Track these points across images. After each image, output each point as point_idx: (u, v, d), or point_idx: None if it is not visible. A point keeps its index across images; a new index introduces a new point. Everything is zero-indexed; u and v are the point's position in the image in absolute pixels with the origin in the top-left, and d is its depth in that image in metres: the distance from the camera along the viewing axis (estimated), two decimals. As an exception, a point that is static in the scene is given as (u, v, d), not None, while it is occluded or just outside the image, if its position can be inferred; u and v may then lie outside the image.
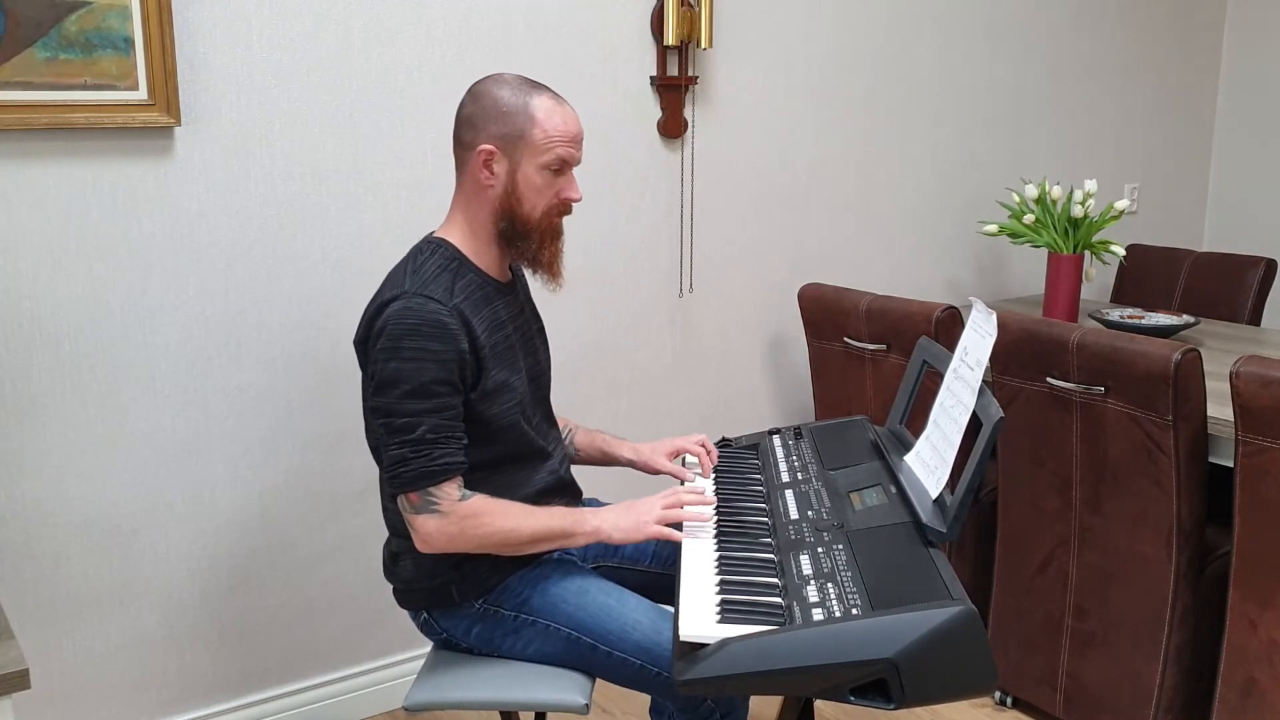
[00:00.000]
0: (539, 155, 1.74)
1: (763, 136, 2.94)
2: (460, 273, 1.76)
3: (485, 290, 1.79)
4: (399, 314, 1.67)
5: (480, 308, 1.75)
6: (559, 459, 1.91)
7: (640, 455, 2.04)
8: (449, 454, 1.68)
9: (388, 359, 1.66)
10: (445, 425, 1.67)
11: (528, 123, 1.73)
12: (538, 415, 1.89)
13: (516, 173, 1.75)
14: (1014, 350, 2.38)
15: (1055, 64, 3.52)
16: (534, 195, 1.76)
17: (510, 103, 1.74)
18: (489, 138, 1.74)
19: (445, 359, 1.67)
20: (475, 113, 1.76)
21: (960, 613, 1.39)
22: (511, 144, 1.73)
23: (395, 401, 1.66)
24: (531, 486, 1.82)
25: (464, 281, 1.75)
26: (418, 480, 1.66)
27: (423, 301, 1.68)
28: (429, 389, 1.66)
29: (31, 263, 2.06)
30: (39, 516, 2.13)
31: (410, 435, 1.66)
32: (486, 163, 1.75)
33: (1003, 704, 2.63)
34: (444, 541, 1.69)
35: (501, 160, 1.74)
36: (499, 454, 1.78)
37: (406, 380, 1.65)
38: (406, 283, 1.71)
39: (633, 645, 1.75)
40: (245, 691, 2.42)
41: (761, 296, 3.03)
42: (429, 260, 1.76)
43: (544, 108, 1.74)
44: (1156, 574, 2.24)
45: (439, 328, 1.67)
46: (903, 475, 1.81)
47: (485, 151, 1.74)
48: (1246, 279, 3.33)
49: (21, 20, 1.94)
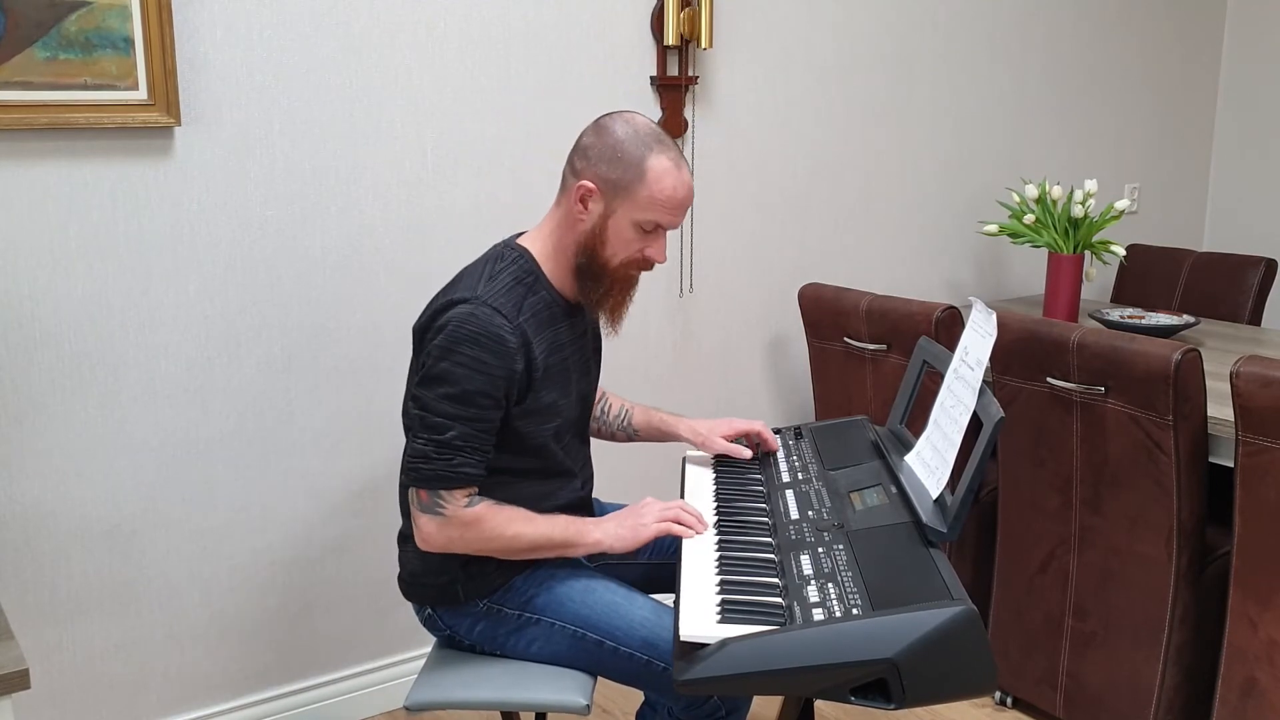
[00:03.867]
0: (637, 212, 1.72)
1: (763, 136, 2.94)
2: (534, 289, 1.76)
3: (553, 310, 1.78)
4: (463, 318, 1.67)
5: (544, 328, 1.75)
6: (583, 479, 1.92)
7: (699, 436, 2.03)
8: (470, 464, 1.68)
9: (441, 357, 1.66)
10: (475, 435, 1.68)
11: (637, 178, 1.71)
12: (570, 435, 1.87)
13: (609, 218, 1.73)
14: (1014, 350, 2.38)
15: (1055, 64, 3.52)
16: (619, 245, 1.75)
17: (628, 151, 1.71)
18: (595, 176, 1.72)
19: (495, 374, 1.66)
20: (593, 145, 1.74)
21: (960, 613, 1.39)
22: (614, 191, 1.72)
23: (436, 399, 1.66)
24: (553, 501, 1.82)
25: (535, 299, 1.75)
26: (432, 480, 1.67)
27: (489, 314, 1.67)
28: (471, 398, 1.66)
29: (31, 263, 2.05)
30: (39, 516, 2.13)
31: (439, 435, 1.66)
32: (583, 198, 1.73)
33: (1003, 704, 2.63)
34: (443, 543, 1.71)
35: (599, 201, 1.73)
36: (525, 467, 1.79)
37: (453, 383, 1.65)
38: (480, 288, 1.70)
39: (639, 641, 1.75)
40: (245, 691, 2.42)
41: (761, 296, 3.03)
42: (506, 269, 1.75)
43: (658, 169, 1.71)
44: (1156, 574, 2.24)
45: (498, 342, 1.66)
46: (903, 475, 1.81)
47: (585, 188, 1.72)
48: (1246, 279, 3.33)
49: (21, 20, 1.94)
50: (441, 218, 2.46)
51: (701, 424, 2.04)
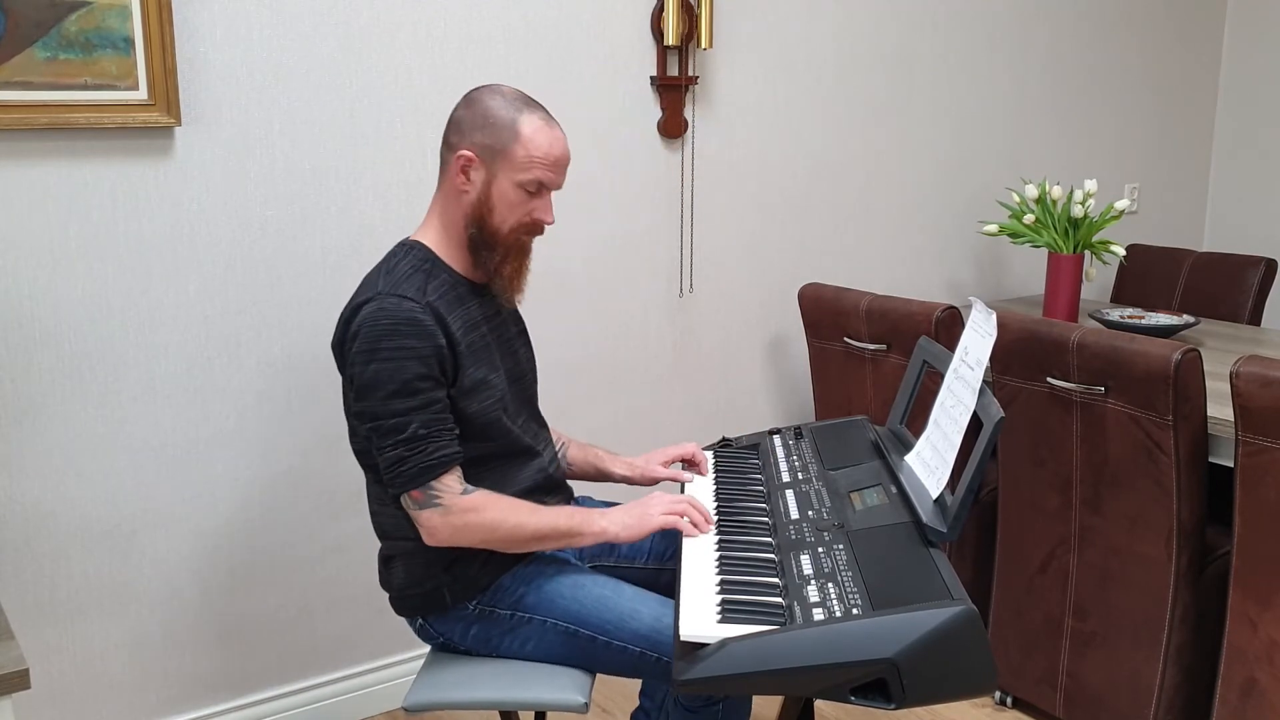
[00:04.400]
0: (517, 172, 1.74)
1: (763, 136, 2.94)
2: (433, 273, 1.77)
3: (459, 290, 1.79)
4: (374, 315, 1.67)
5: (454, 307, 1.76)
6: (549, 458, 1.91)
7: (635, 469, 2.05)
8: (444, 446, 1.68)
9: (366, 361, 1.67)
10: (435, 419, 1.68)
11: (512, 138, 1.73)
12: (523, 415, 1.89)
13: (492, 184, 1.75)
14: (1014, 350, 2.38)
15: (1055, 63, 3.52)
16: (505, 210, 1.76)
17: (499, 115, 1.74)
18: (472, 144, 1.75)
19: (424, 355, 1.67)
20: (464, 118, 1.77)
21: (960, 613, 1.39)
22: (492, 155, 1.74)
23: (381, 404, 1.66)
24: (519, 484, 1.82)
25: (437, 282, 1.76)
26: (418, 477, 1.67)
27: (397, 301, 1.68)
28: (412, 386, 1.66)
29: (31, 263, 2.06)
30: (39, 516, 2.13)
31: (402, 435, 1.66)
32: (465, 169, 1.75)
33: (1003, 704, 2.63)
34: (449, 534, 1.69)
35: (479, 169, 1.75)
36: (485, 451, 1.78)
37: (389, 381, 1.66)
38: (380, 284, 1.72)
39: (631, 633, 1.75)
40: (245, 691, 2.42)
41: (761, 296, 3.03)
42: (402, 262, 1.77)
43: (531, 126, 1.74)
44: (1156, 574, 2.24)
45: (415, 324, 1.67)
46: (903, 475, 1.81)
47: (464, 158, 1.75)
48: (1246, 279, 3.33)
49: (21, 20, 1.94)
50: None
51: (638, 460, 2.06)
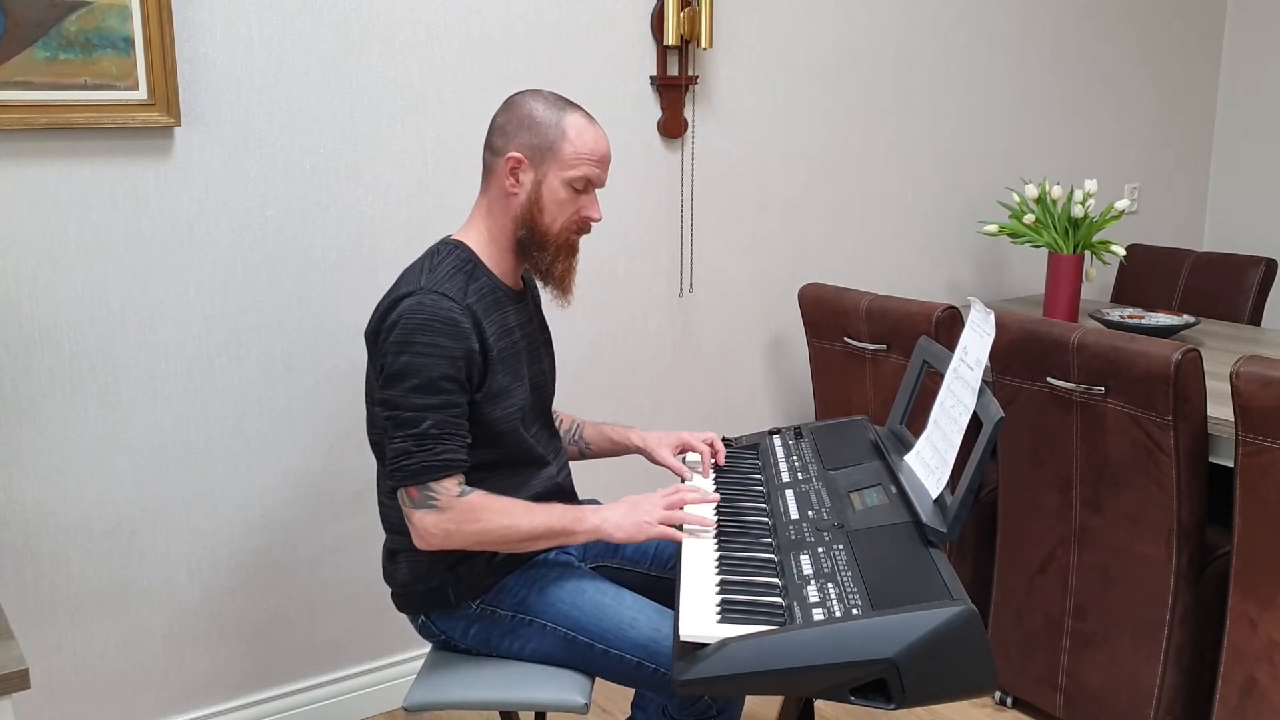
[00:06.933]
0: (566, 170, 1.76)
1: (763, 136, 2.94)
2: (474, 275, 1.78)
3: (497, 295, 1.80)
4: (413, 309, 1.68)
5: (491, 311, 1.77)
6: (558, 467, 1.92)
7: (646, 443, 2.05)
8: (451, 450, 1.68)
9: (399, 352, 1.67)
10: (450, 421, 1.68)
11: (559, 137, 1.76)
12: (537, 424, 1.90)
13: (542, 184, 1.77)
14: (1014, 350, 2.38)
15: (1056, 63, 3.52)
16: (555, 208, 1.78)
17: (544, 116, 1.77)
18: (519, 146, 1.76)
19: (455, 356, 1.68)
20: (508, 121, 1.79)
21: (960, 613, 1.39)
22: (540, 155, 1.76)
23: (403, 395, 1.67)
24: (528, 490, 1.82)
25: (477, 284, 1.77)
26: (419, 474, 1.67)
27: (437, 299, 1.69)
28: (437, 385, 1.67)
29: (31, 263, 2.05)
30: (39, 516, 2.13)
31: (415, 429, 1.66)
32: (514, 170, 1.77)
33: (1003, 704, 2.63)
34: (441, 537, 1.69)
35: (528, 170, 1.77)
36: (497, 458, 1.79)
37: (416, 374, 1.66)
38: (422, 279, 1.73)
39: (629, 643, 1.75)
40: (245, 691, 2.42)
41: (761, 296, 3.03)
42: (445, 260, 1.77)
43: (576, 125, 1.77)
44: (1156, 574, 2.24)
45: (451, 324, 1.68)
46: (903, 475, 1.81)
47: (513, 159, 1.76)
48: (1246, 279, 3.33)
49: (21, 20, 1.94)
50: (441, 218, 2.46)
51: (651, 435, 2.06)
